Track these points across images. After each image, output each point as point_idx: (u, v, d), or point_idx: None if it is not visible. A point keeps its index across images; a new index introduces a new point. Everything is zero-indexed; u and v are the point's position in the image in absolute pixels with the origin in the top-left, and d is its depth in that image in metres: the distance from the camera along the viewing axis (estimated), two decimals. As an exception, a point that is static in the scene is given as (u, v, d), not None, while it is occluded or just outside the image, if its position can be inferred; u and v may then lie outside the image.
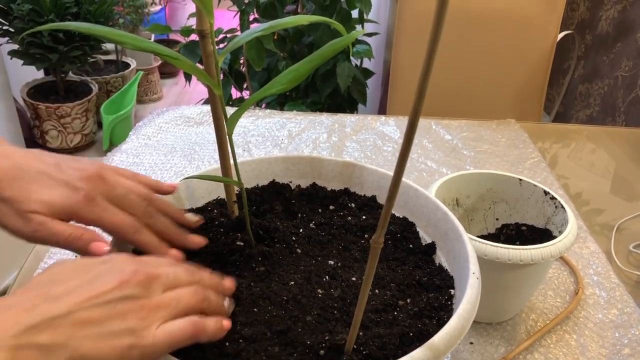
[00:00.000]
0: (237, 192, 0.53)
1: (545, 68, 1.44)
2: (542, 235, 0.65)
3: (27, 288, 0.36)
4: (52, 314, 0.33)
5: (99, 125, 2.43)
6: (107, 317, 0.34)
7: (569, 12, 1.98)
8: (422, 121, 1.10)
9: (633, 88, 1.57)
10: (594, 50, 1.81)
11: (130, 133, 1.02)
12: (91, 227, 0.45)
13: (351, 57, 1.71)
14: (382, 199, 0.58)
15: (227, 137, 0.46)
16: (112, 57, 2.64)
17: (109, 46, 2.55)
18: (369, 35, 1.79)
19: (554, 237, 0.58)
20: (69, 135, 2.31)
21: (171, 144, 0.99)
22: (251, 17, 1.64)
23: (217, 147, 0.49)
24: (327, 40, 1.58)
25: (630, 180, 0.99)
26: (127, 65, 2.65)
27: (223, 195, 0.54)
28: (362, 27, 1.74)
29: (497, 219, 0.70)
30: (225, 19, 1.81)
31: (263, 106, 1.75)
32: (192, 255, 0.48)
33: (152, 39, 2.88)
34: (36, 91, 2.30)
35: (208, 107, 1.11)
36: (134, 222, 0.45)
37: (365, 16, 1.69)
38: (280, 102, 1.72)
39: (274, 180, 0.59)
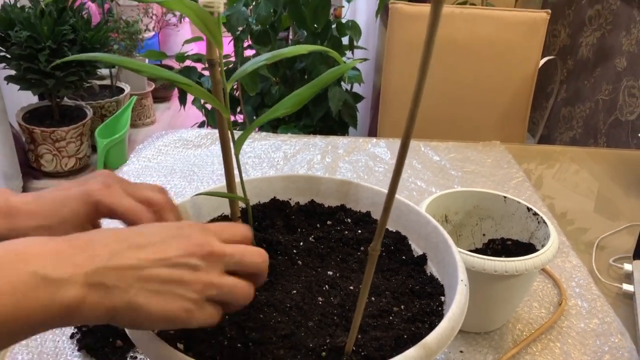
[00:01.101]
0: (241, 209, 0.56)
1: (528, 92, 1.50)
2: (526, 249, 0.69)
3: (112, 229, 0.39)
4: (124, 263, 0.36)
5: (93, 148, 2.46)
6: (169, 280, 0.37)
7: (550, 38, 2.05)
8: (411, 143, 1.14)
9: (612, 111, 1.63)
10: (576, 75, 1.87)
11: (130, 155, 1.05)
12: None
13: (342, 82, 1.76)
14: (376, 215, 0.62)
15: (234, 156, 0.50)
16: (107, 82, 2.68)
17: (104, 71, 2.59)
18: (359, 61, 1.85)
19: (537, 251, 0.62)
20: (63, 159, 2.33)
21: (171, 165, 1.02)
22: (245, 44, 1.69)
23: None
24: (318, 66, 1.65)
25: (611, 198, 1.03)
26: (122, 90, 2.69)
27: (228, 212, 0.58)
28: (352, 53, 1.80)
29: (483, 235, 0.74)
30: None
31: (257, 129, 1.80)
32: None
33: (146, 65, 2.92)
34: (31, 115, 2.33)
35: (206, 131, 1.15)
36: (147, 212, 0.48)
37: (355, 43, 1.75)
38: (273, 125, 1.76)
39: (274, 197, 0.63)
